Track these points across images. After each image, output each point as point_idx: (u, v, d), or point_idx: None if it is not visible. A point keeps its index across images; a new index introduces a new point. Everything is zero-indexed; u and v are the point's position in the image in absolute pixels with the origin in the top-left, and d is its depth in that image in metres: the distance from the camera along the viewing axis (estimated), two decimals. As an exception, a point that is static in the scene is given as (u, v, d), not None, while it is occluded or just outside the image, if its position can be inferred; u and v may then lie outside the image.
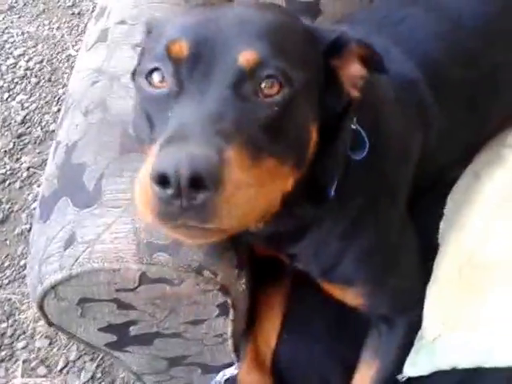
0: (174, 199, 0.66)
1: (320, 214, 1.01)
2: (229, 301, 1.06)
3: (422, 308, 1.13)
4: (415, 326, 1.14)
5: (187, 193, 0.65)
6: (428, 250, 1.18)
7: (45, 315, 1.05)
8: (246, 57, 0.75)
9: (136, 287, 0.99)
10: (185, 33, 0.79)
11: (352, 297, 1.13)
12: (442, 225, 1.22)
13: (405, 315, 1.16)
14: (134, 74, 0.96)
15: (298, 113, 0.80)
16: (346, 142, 0.96)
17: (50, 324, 1.08)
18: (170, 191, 0.65)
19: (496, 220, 1.16)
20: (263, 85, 0.76)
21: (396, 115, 1.09)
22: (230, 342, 1.20)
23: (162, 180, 0.65)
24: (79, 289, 0.99)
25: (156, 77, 0.80)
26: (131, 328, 1.11)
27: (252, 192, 0.72)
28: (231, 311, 1.09)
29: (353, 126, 0.97)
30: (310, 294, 1.23)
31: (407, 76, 1.14)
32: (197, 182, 0.64)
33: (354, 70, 0.88)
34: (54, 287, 0.99)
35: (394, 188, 1.12)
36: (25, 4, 2.56)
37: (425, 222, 1.22)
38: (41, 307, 1.03)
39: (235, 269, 1.07)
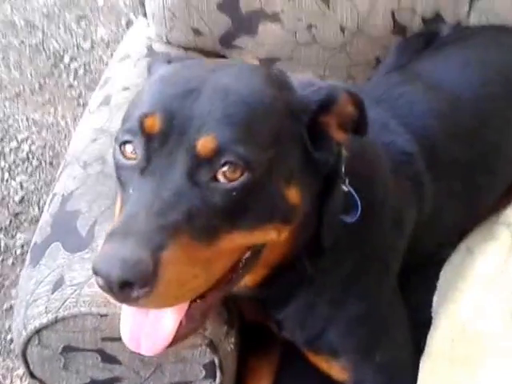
0: (109, 292, 0.68)
1: (312, 274, 0.97)
2: (216, 360, 1.01)
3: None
4: None
5: (118, 292, 0.67)
6: (422, 327, 1.13)
7: (27, 365, 1.00)
8: (203, 144, 0.72)
9: (123, 336, 0.95)
10: (158, 107, 0.76)
11: (338, 370, 1.06)
12: (435, 299, 1.18)
13: None
14: None
15: (262, 191, 0.76)
16: (338, 201, 0.92)
17: (32, 376, 1.02)
18: (102, 285, 0.68)
19: (489, 293, 1.12)
20: (222, 170, 0.72)
21: (391, 186, 1.07)
22: (216, 410, 1.13)
23: (97, 275, 0.67)
24: (64, 335, 0.95)
25: (128, 148, 0.77)
26: (114, 386, 1.05)
27: (198, 277, 0.71)
28: (218, 374, 1.03)
29: (345, 188, 0.93)
30: (299, 367, 1.17)
31: (404, 148, 1.12)
32: (127, 284, 0.66)
33: (345, 115, 0.85)
34: (38, 332, 0.94)
35: (386, 258, 1.08)
36: (32, 93, 2.63)
37: (418, 298, 1.18)
38: (24, 355, 0.98)
39: (225, 325, 1.02)
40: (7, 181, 2.28)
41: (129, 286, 0.66)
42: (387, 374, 1.07)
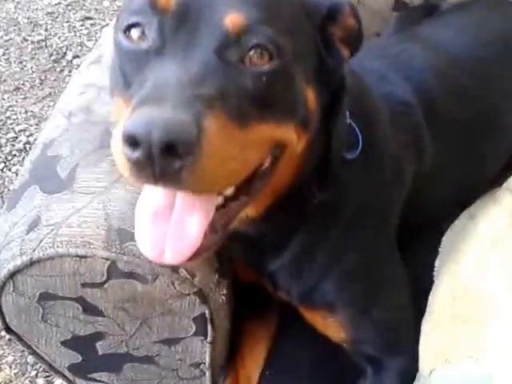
0: (145, 164, 0.59)
1: (314, 210, 0.92)
2: (207, 312, 0.93)
3: (414, 349, 0.98)
4: (408, 370, 0.99)
5: (159, 159, 0.58)
6: (424, 293, 1.06)
7: (2, 316, 0.92)
8: (232, 20, 0.68)
9: (104, 282, 0.87)
10: None
11: (334, 328, 1.00)
12: (437, 262, 1.12)
13: (394, 357, 1.03)
14: None
15: (288, 81, 0.74)
16: (343, 129, 0.90)
17: (8, 330, 0.94)
18: (139, 154, 0.58)
19: (492, 255, 1.07)
20: (251, 53, 0.69)
21: (390, 135, 1.03)
22: (207, 375, 1.04)
23: (132, 142, 0.58)
24: (40, 280, 0.87)
25: (135, 32, 0.71)
26: (98, 344, 0.97)
27: (236, 160, 0.66)
28: (209, 330, 0.96)
29: (347, 120, 0.91)
30: (298, 332, 1.11)
31: (404, 99, 1.09)
32: (170, 149, 0.58)
33: (348, 28, 0.83)
34: (12, 276, 0.87)
35: (385, 207, 1.03)
36: (31, 87, 2.58)
37: (420, 264, 1.13)
38: (-3, 304, 0.90)
39: (215, 274, 0.94)
40: (2, 170, 2.22)
41: (171, 153, 0.58)
42: (386, 334, 1.01)
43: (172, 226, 0.69)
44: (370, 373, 1.03)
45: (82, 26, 2.99)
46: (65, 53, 2.80)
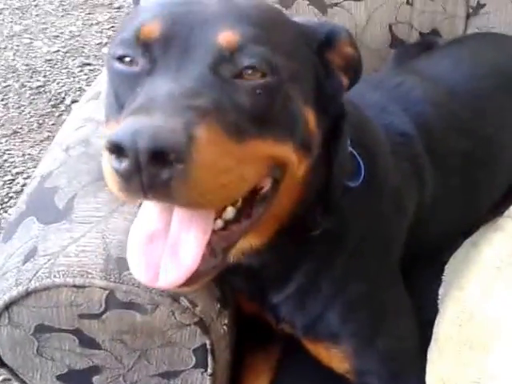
0: (133, 175, 0.57)
1: (317, 238, 0.90)
2: (208, 343, 0.90)
3: (422, 379, 0.95)
4: None
5: (147, 168, 0.56)
6: (428, 324, 1.04)
7: (-4, 350, 0.89)
8: (225, 38, 0.68)
9: (102, 312, 0.84)
10: (157, 14, 0.72)
11: (339, 359, 0.97)
12: (440, 291, 1.10)
13: None
14: None
15: (285, 98, 0.73)
16: (344, 157, 0.89)
17: (2, 364, 0.91)
18: (125, 164, 0.57)
19: (496, 281, 1.04)
20: (245, 71, 0.69)
21: (392, 165, 1.02)
22: (208, 410, 1.00)
23: (119, 152, 0.57)
24: (36, 311, 0.84)
25: (126, 59, 0.72)
26: (95, 378, 0.93)
27: (230, 174, 0.63)
28: (210, 361, 0.92)
29: (349, 148, 0.91)
30: (299, 363, 1.07)
31: (403, 130, 1.09)
32: (158, 158, 0.56)
33: (346, 56, 0.84)
34: (8, 307, 0.84)
35: (388, 237, 1.02)
36: (29, 130, 2.57)
37: (424, 294, 1.10)
38: (-8, 337, 0.87)
39: (217, 303, 0.91)
40: (-1, 213, 2.20)
41: (160, 161, 0.56)
42: (392, 364, 0.98)
43: (167, 249, 0.67)
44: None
45: (81, 71, 3.01)
46: (63, 98, 2.81)
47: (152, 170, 0.56)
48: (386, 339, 0.96)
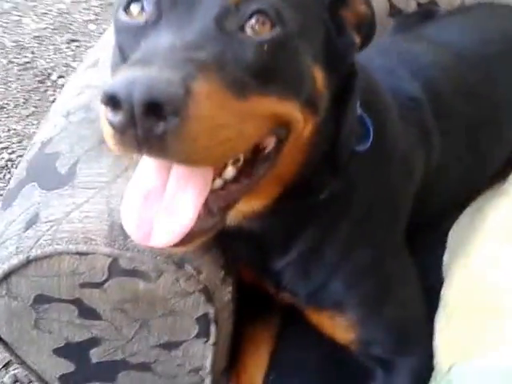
0: (127, 127, 0.55)
1: (322, 203, 0.87)
2: (211, 312, 0.87)
3: (429, 347, 0.94)
4: (421, 369, 0.93)
5: (142, 121, 0.54)
6: (433, 289, 1.02)
7: (-8, 323, 0.86)
8: None
9: (104, 281, 0.81)
10: None
11: (343, 328, 0.95)
12: (445, 258, 1.09)
13: (406, 357, 0.97)
14: None
15: (292, 53, 0.70)
16: (353, 119, 0.86)
17: (-3, 338, 0.88)
18: (120, 117, 0.54)
19: (503, 246, 1.03)
20: (252, 21, 0.65)
21: (400, 129, 1.00)
22: (208, 382, 0.98)
23: (115, 103, 0.54)
24: (36, 281, 0.81)
25: (135, 8, 0.69)
26: (92, 351, 0.91)
27: (229, 130, 0.61)
28: (213, 330, 0.90)
29: (358, 111, 0.88)
30: (301, 334, 1.06)
31: (412, 94, 1.07)
32: (153, 110, 0.53)
33: (360, 14, 0.80)
34: (7, 277, 0.80)
35: (395, 203, 0.99)
36: (15, 106, 2.51)
37: (428, 260, 1.09)
38: (-12, 310, 0.84)
39: (221, 270, 0.89)
40: (-17, 186, 2.14)
41: (155, 113, 0.53)
42: (397, 333, 0.96)
43: (162, 207, 0.64)
44: (380, 375, 0.97)
45: (68, 48, 2.95)
46: (50, 73, 2.74)
47: (146, 123, 0.54)
48: (392, 307, 0.95)
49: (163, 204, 0.64)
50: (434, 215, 1.15)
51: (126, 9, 0.70)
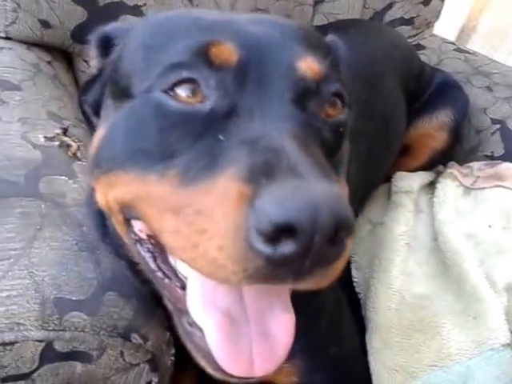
0: (300, 257, 0.43)
1: None
2: (155, 381, 0.73)
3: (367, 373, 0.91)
4: None
5: (322, 248, 0.43)
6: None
7: None
8: (309, 66, 0.57)
9: (33, 370, 0.63)
10: (229, 31, 0.57)
11: (286, 374, 0.84)
12: (354, 272, 1.07)
13: None
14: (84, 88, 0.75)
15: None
16: None
17: None
18: (293, 246, 0.42)
19: (409, 258, 1.05)
20: (328, 102, 0.59)
21: None
22: None
23: (285, 233, 0.42)
24: None
25: (184, 90, 0.55)
26: None
27: None
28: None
29: None
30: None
31: None
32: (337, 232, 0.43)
33: None
34: None
35: None
36: None
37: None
38: None
39: (166, 332, 0.74)
40: None
41: (334, 238, 0.43)
42: (340, 369, 0.88)
43: (254, 330, 0.53)
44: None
45: None
46: None
47: (325, 251, 0.43)
48: (335, 344, 0.88)
49: (253, 328, 0.53)
50: None
51: (169, 90, 0.55)
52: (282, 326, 0.54)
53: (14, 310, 0.61)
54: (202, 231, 0.46)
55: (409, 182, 1.21)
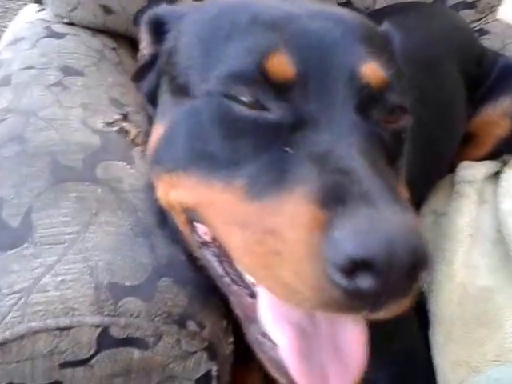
0: (379, 291, 0.42)
1: None
2: (214, 370, 0.70)
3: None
4: None
5: (400, 283, 0.42)
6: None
7: None
8: (373, 72, 0.55)
9: (91, 356, 0.61)
10: (287, 36, 0.54)
11: None
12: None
13: None
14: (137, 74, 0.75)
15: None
16: None
17: None
18: (371, 281, 0.41)
19: (473, 250, 0.98)
20: (391, 111, 0.57)
21: None
22: None
23: (355, 267, 0.41)
24: (3, 369, 0.59)
25: (245, 97, 0.53)
26: None
27: None
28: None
29: None
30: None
31: None
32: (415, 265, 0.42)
33: None
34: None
35: None
36: None
37: None
38: None
39: (223, 320, 0.72)
40: None
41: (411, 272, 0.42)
42: (403, 366, 0.84)
43: (327, 348, 0.51)
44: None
45: None
46: None
47: (403, 284, 0.42)
48: (399, 340, 0.83)
49: (326, 344, 0.51)
50: None
51: (233, 97, 0.54)
52: (355, 339, 0.51)
53: (68, 294, 0.59)
54: (276, 252, 0.44)
55: (472, 171, 1.14)
